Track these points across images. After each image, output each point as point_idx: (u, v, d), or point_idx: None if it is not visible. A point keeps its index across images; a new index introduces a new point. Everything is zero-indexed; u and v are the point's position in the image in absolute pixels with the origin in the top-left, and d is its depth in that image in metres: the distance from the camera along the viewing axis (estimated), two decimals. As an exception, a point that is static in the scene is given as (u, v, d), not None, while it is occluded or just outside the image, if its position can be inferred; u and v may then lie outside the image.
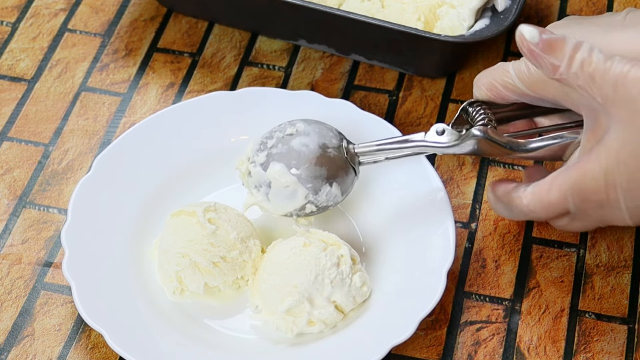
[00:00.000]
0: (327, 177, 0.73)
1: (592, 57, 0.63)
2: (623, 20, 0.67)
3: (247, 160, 0.74)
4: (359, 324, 0.72)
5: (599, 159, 0.65)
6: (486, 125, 0.70)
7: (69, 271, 0.71)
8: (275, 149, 0.73)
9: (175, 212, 0.74)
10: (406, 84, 0.88)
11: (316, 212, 0.74)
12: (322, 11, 0.82)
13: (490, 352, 0.73)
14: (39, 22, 0.92)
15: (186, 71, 0.89)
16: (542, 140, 0.70)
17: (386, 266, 0.75)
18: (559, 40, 0.64)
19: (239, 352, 0.71)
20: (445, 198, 0.75)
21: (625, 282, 0.76)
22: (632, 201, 0.65)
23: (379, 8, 0.86)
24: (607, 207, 0.66)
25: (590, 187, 0.66)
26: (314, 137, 0.73)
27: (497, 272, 0.77)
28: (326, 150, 0.73)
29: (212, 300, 0.74)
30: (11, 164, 0.83)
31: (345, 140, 0.74)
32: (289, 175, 0.72)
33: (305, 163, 0.72)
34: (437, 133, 0.71)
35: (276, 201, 0.73)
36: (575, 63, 0.64)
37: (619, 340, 0.74)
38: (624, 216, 0.66)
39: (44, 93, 0.87)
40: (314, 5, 0.83)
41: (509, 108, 0.72)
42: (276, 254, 0.72)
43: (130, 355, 0.68)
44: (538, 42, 0.64)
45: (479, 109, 0.71)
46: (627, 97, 0.62)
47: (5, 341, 0.73)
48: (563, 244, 0.78)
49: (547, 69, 0.65)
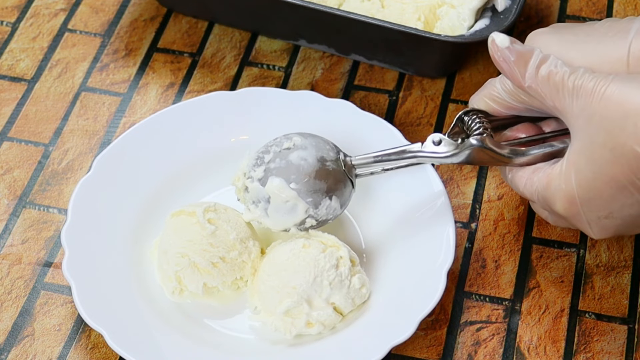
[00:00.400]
0: (327, 190, 0.72)
1: (557, 69, 0.65)
2: (602, 30, 0.68)
3: (244, 176, 0.73)
4: (359, 325, 0.72)
5: (561, 168, 0.66)
6: (482, 134, 0.70)
7: (69, 271, 0.72)
8: (273, 164, 0.72)
9: (175, 212, 0.74)
10: (406, 84, 0.88)
11: (316, 226, 0.73)
12: (322, 11, 0.82)
13: (490, 352, 0.73)
14: (39, 22, 0.92)
15: (186, 71, 0.89)
16: (541, 147, 0.70)
17: (386, 266, 0.75)
18: (527, 52, 0.66)
19: (238, 352, 0.71)
20: (446, 200, 0.75)
21: (625, 282, 0.76)
22: (592, 212, 0.66)
23: (379, 8, 0.86)
24: (570, 217, 0.67)
25: (553, 197, 0.67)
26: (311, 151, 0.72)
27: (497, 272, 0.77)
28: (324, 163, 0.72)
29: (212, 301, 0.74)
30: (11, 164, 0.83)
31: (342, 153, 0.74)
32: (288, 190, 0.71)
33: (304, 177, 0.72)
34: (433, 143, 0.71)
35: (275, 216, 0.72)
36: (541, 74, 0.66)
37: (619, 340, 0.74)
38: (586, 227, 0.67)
39: (44, 93, 0.87)
40: (314, 5, 0.83)
41: (504, 115, 0.72)
42: (275, 256, 0.72)
43: (130, 355, 0.68)
44: (509, 50, 0.66)
45: (475, 117, 0.71)
46: (581, 106, 0.64)
47: (5, 341, 0.73)
48: (563, 244, 0.78)
49: (516, 78, 0.67)
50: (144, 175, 0.78)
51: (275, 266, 0.71)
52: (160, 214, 0.77)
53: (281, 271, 0.71)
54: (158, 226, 0.76)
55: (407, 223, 0.76)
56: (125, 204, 0.77)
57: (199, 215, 0.72)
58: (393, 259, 0.75)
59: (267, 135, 0.76)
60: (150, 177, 0.79)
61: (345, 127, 0.78)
